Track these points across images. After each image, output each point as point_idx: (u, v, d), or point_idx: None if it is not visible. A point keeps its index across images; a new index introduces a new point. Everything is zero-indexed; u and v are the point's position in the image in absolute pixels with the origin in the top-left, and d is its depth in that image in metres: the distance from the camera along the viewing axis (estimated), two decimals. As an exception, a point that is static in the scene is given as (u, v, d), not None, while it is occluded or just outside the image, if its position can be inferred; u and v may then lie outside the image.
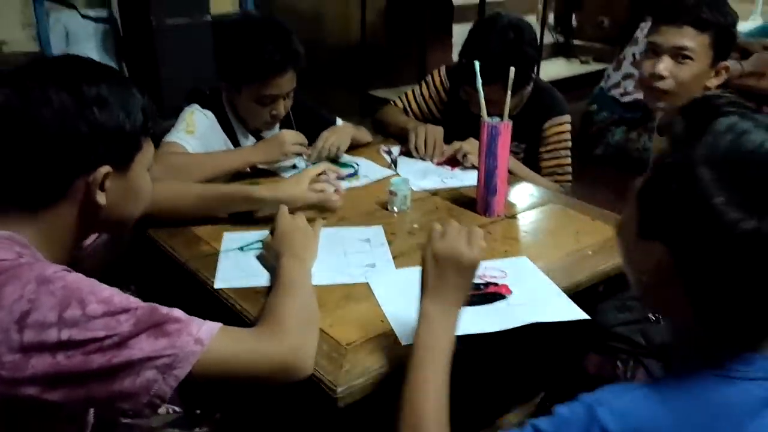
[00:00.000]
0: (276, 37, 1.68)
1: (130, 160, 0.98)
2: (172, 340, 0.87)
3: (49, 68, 0.93)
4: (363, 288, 1.23)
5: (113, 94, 0.94)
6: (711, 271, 0.67)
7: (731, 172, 0.65)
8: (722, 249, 0.65)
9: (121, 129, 0.94)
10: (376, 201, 1.60)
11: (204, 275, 1.26)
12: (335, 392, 0.97)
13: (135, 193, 1.01)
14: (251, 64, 1.66)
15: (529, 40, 1.81)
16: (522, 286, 1.22)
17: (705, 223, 0.65)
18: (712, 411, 0.69)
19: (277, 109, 1.76)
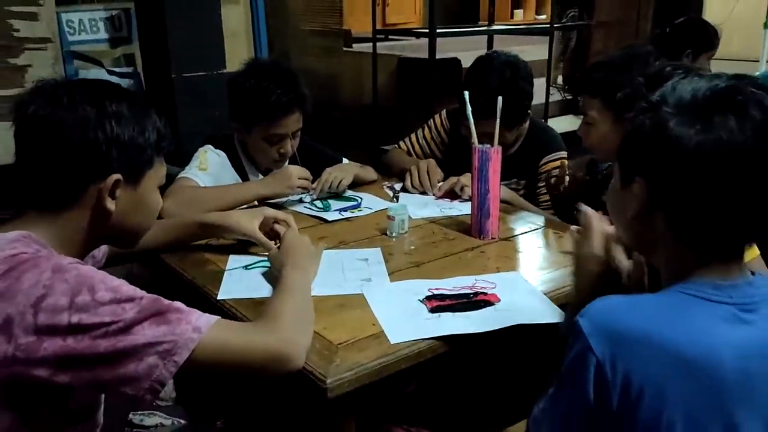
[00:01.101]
0: (283, 80, 1.81)
1: (141, 174, 1.07)
2: (172, 327, 0.94)
3: (80, 85, 1.05)
4: (357, 298, 1.29)
5: (132, 111, 1.04)
6: (680, 187, 0.83)
7: (677, 106, 0.84)
8: (682, 163, 0.81)
9: (134, 142, 1.04)
10: (376, 228, 1.68)
11: (208, 289, 1.34)
12: (325, 383, 1.02)
13: (143, 207, 1.10)
14: (260, 105, 1.79)
15: (524, 75, 1.92)
16: (510, 295, 1.29)
17: (665, 145, 0.83)
18: (676, 321, 0.81)
19: (284, 148, 1.87)
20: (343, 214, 1.79)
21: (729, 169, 0.80)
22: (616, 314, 0.83)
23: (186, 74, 2.49)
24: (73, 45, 2.99)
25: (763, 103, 0.80)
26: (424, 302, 1.25)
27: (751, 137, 0.79)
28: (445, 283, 1.34)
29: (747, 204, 0.81)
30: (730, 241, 0.86)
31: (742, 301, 0.83)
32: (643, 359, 0.79)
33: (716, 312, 0.82)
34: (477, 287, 1.32)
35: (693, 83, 0.85)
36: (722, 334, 0.81)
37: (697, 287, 0.84)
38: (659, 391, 0.78)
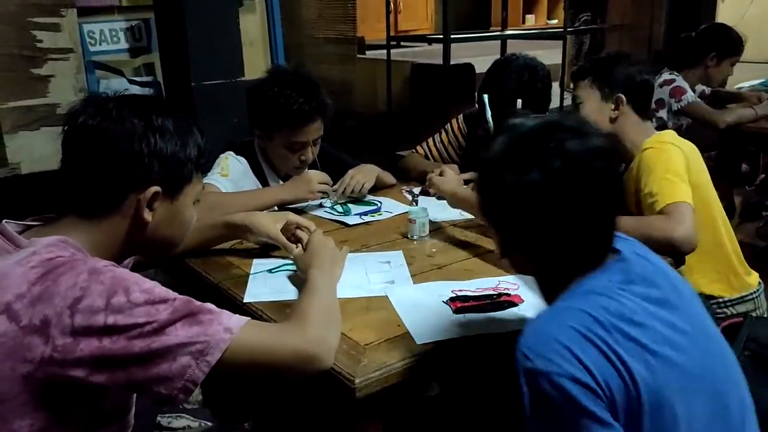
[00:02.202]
0: (305, 88, 1.83)
1: (179, 188, 1.09)
2: (205, 328, 0.95)
3: (129, 99, 1.07)
4: (382, 300, 1.31)
5: (175, 127, 1.07)
6: (517, 232, 0.99)
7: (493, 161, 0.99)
8: (509, 201, 0.97)
9: (176, 156, 1.06)
10: (397, 231, 1.70)
11: (234, 292, 1.36)
12: (353, 382, 1.03)
13: (178, 220, 1.12)
14: (282, 113, 1.80)
15: (542, 77, 1.95)
16: (533, 296, 1.28)
17: (495, 199, 1.00)
18: (577, 315, 0.90)
19: (305, 155, 1.89)
20: (363, 218, 1.81)
21: (544, 210, 0.93)
22: (540, 328, 0.91)
23: (205, 82, 2.53)
24: (95, 55, 3.04)
25: (563, 150, 0.93)
26: (449, 303, 1.27)
27: (554, 183, 0.92)
28: (468, 284, 1.35)
29: (574, 233, 0.94)
30: (581, 260, 0.97)
31: (619, 279, 0.95)
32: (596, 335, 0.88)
33: (614, 290, 0.94)
34: (500, 288, 1.34)
35: (509, 138, 0.99)
36: (625, 301, 0.92)
37: (583, 286, 0.94)
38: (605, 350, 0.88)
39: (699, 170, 1.74)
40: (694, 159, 1.72)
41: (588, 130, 0.96)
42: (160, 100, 1.16)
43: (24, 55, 2.82)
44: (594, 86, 1.76)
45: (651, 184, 1.61)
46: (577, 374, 0.85)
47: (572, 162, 0.91)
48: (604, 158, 0.94)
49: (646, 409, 0.86)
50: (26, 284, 0.91)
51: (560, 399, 0.85)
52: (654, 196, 1.59)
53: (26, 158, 2.90)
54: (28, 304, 0.90)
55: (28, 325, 0.90)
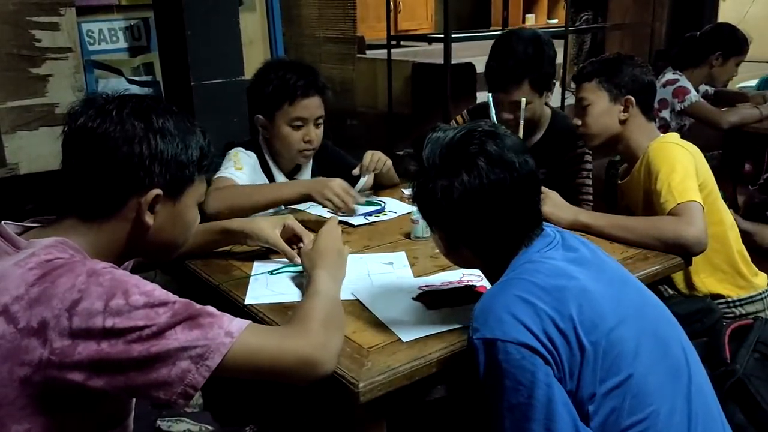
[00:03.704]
0: (300, 68, 1.89)
1: (181, 190, 1.07)
2: (205, 331, 0.93)
3: (130, 100, 1.05)
4: (385, 302, 1.28)
5: (177, 128, 1.05)
6: (454, 229, 1.11)
7: (433, 167, 1.10)
8: (447, 210, 1.08)
9: (177, 158, 1.04)
10: (400, 232, 1.68)
11: (235, 294, 1.34)
12: (357, 386, 1.01)
13: (180, 222, 1.10)
14: (280, 87, 1.84)
15: (547, 43, 1.94)
16: None
17: (428, 202, 1.11)
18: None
19: (309, 135, 1.89)
20: (368, 219, 1.79)
21: (478, 204, 1.06)
22: (488, 299, 1.04)
23: (204, 82, 2.51)
24: (94, 54, 3.03)
25: (486, 153, 1.05)
26: (419, 299, 1.28)
27: (483, 179, 1.05)
28: (432, 279, 1.37)
29: (505, 221, 1.08)
30: (515, 241, 1.11)
31: (545, 244, 1.10)
32: (531, 302, 0.99)
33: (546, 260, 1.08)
34: (464, 281, 1.35)
35: (434, 145, 1.09)
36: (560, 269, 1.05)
37: (518, 260, 1.08)
38: (554, 318, 0.98)
39: (705, 171, 1.72)
40: (699, 160, 1.71)
41: (501, 132, 1.10)
42: (162, 100, 1.14)
43: (22, 55, 2.81)
44: (602, 88, 1.75)
45: (660, 185, 1.59)
46: (524, 339, 0.95)
47: (494, 160, 1.05)
48: (520, 153, 1.08)
49: (590, 353, 0.96)
50: (24, 286, 0.90)
51: (509, 364, 0.95)
52: (664, 197, 1.57)
53: (25, 158, 2.88)
54: (26, 306, 0.89)
55: (25, 328, 0.88)
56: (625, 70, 1.75)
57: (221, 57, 2.54)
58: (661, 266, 1.46)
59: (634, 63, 1.79)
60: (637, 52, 5.13)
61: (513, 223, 1.09)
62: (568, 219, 1.66)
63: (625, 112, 1.74)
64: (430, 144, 1.10)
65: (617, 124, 1.76)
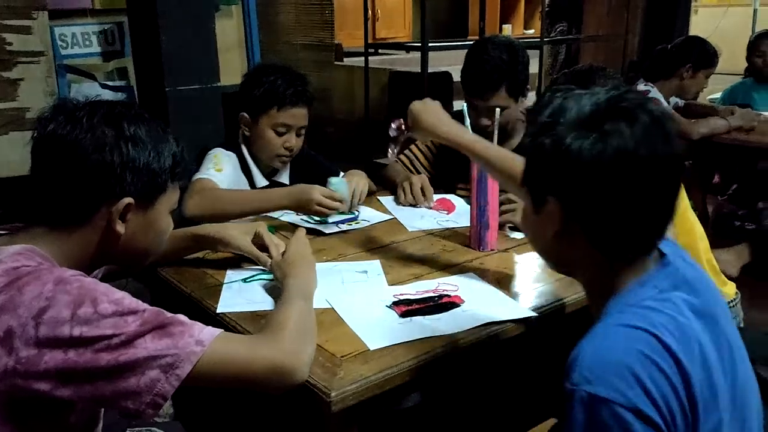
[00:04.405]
0: (295, 76, 1.92)
1: (153, 198, 1.06)
2: (175, 340, 0.93)
3: (101, 106, 1.04)
4: (359, 310, 1.28)
5: (149, 135, 1.04)
6: (588, 198, 0.87)
7: (570, 122, 0.88)
8: (586, 174, 0.86)
9: (149, 166, 1.03)
10: (375, 240, 1.68)
11: (207, 302, 1.33)
12: (329, 396, 1.01)
13: (153, 231, 1.09)
14: (271, 90, 1.87)
15: (520, 48, 1.97)
16: (473, 295, 1.33)
17: (567, 160, 0.86)
18: (636, 334, 0.83)
19: (290, 142, 1.91)
20: (340, 227, 1.79)
21: (629, 171, 0.84)
22: (603, 350, 0.83)
23: (180, 87, 2.49)
24: (66, 59, 2.99)
25: (645, 107, 0.87)
26: (393, 308, 1.27)
27: (642, 138, 0.84)
28: (408, 288, 1.37)
29: (650, 202, 0.87)
30: (644, 240, 0.91)
31: (668, 284, 0.89)
32: (654, 368, 0.80)
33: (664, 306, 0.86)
34: (440, 290, 1.35)
35: (578, 100, 0.90)
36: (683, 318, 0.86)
37: (633, 297, 0.88)
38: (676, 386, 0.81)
39: None
40: None
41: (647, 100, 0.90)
42: (134, 107, 1.12)
43: (-7, 58, 2.77)
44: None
45: None
46: (641, 406, 0.78)
47: (656, 120, 0.86)
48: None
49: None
50: None
51: (617, 430, 0.78)
52: None
53: (-4, 163, 2.84)
54: None
55: None
56: (597, 82, 1.77)
57: (196, 63, 2.53)
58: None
59: (605, 74, 1.81)
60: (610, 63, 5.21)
61: (653, 210, 0.88)
62: None
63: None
64: (567, 98, 0.91)
65: None
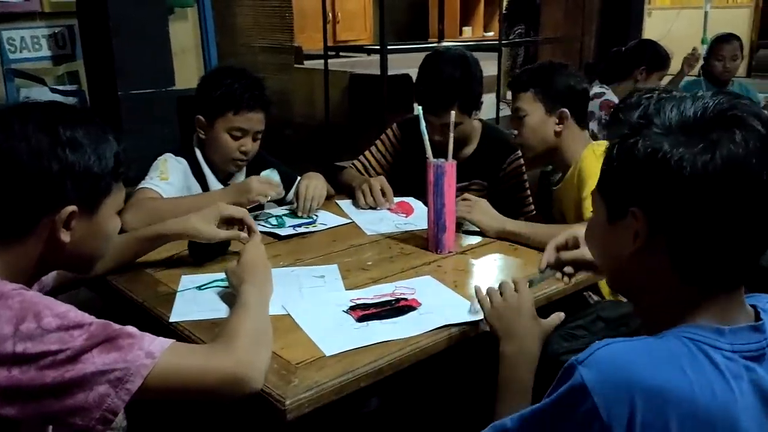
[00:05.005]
0: (252, 80, 1.90)
1: (98, 202, 1.03)
2: (124, 354, 0.90)
3: (34, 111, 0.99)
4: (315, 316, 1.27)
5: (88, 137, 0.99)
6: (685, 214, 0.76)
7: (671, 127, 0.77)
8: (687, 186, 0.74)
9: (91, 170, 0.99)
10: (333, 244, 1.67)
11: (160, 311, 1.30)
12: (283, 404, 0.99)
13: (100, 235, 1.06)
14: (228, 94, 1.84)
15: (474, 63, 1.99)
16: (429, 299, 1.33)
17: (665, 169, 0.75)
18: (688, 372, 0.73)
19: (246, 146, 1.88)
20: (297, 230, 1.77)
21: (738, 188, 0.73)
22: (630, 364, 0.74)
23: (133, 91, 2.44)
24: (14, 63, 2.90)
25: (760, 115, 0.76)
26: (349, 313, 1.26)
27: (755, 151, 0.73)
28: (365, 292, 1.36)
29: (753, 225, 0.76)
30: (737, 271, 0.79)
31: (747, 349, 0.77)
32: (657, 411, 0.71)
33: (720, 359, 0.75)
34: (397, 294, 1.35)
35: (679, 102, 0.79)
36: (735, 381, 0.74)
37: (700, 332, 0.77)
38: None
39: None
40: None
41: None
42: (70, 108, 1.08)
43: (-64, 63, 2.68)
44: (537, 99, 1.78)
45: (586, 194, 1.64)
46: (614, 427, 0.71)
47: (762, 135, 0.75)
48: None
49: None
50: None
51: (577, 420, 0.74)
52: (586, 206, 1.62)
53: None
54: None
55: None
56: (558, 80, 1.79)
57: (150, 66, 2.48)
58: (585, 274, 1.50)
59: (567, 72, 1.83)
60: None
61: (753, 234, 0.76)
62: (496, 227, 1.69)
63: (560, 124, 1.78)
64: (664, 100, 0.81)
65: (552, 136, 1.80)
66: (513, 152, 2.11)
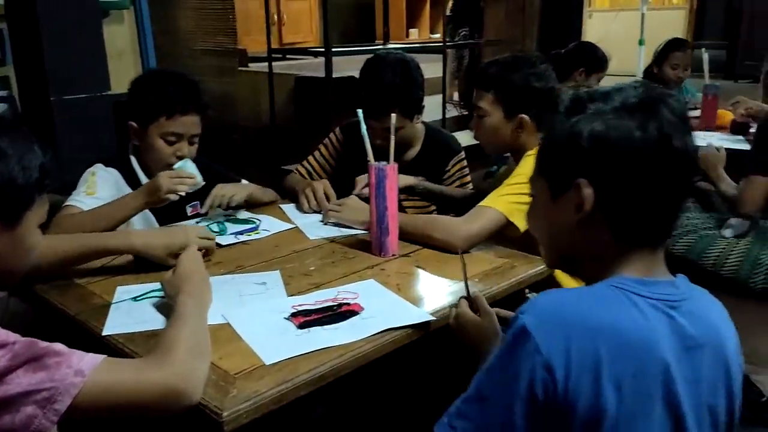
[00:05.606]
0: (184, 82, 1.84)
1: (19, 215, 0.99)
2: (51, 373, 0.87)
3: None
4: (256, 324, 1.25)
5: (12, 148, 0.95)
6: (622, 183, 0.89)
7: (598, 111, 0.91)
8: (625, 160, 0.88)
9: (13, 183, 0.95)
10: (275, 251, 1.64)
11: (92, 325, 1.25)
12: (220, 416, 0.97)
13: (21, 249, 1.01)
14: (160, 98, 1.78)
15: (415, 67, 1.99)
16: (372, 303, 1.33)
17: (608, 145, 0.89)
18: (614, 309, 0.86)
19: (181, 151, 1.82)
20: (239, 238, 1.74)
21: (663, 157, 0.88)
22: (563, 306, 0.88)
23: (66, 97, 2.35)
24: (-62, 68, 2.77)
25: (673, 97, 0.92)
26: (291, 319, 1.25)
27: (677, 126, 0.88)
28: (306, 298, 1.35)
29: (674, 188, 0.90)
30: (660, 228, 0.93)
31: (664, 298, 0.89)
32: (587, 342, 0.83)
33: (643, 303, 0.88)
34: (339, 299, 1.34)
35: (608, 92, 0.92)
36: (651, 319, 0.87)
37: (624, 282, 0.89)
38: (599, 368, 0.82)
39: None
40: None
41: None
42: None
43: None
44: (498, 102, 1.76)
45: (510, 181, 1.67)
46: (553, 359, 0.82)
47: (683, 119, 0.91)
48: None
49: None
50: None
51: (523, 358, 0.84)
52: (500, 190, 1.65)
53: None
54: None
55: None
56: (520, 82, 1.74)
57: (84, 71, 2.40)
58: (526, 274, 1.52)
59: (531, 71, 1.75)
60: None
61: (669, 201, 0.91)
62: (365, 220, 1.70)
63: (519, 129, 1.76)
64: (597, 92, 0.93)
65: (510, 139, 1.78)
66: (456, 154, 2.14)
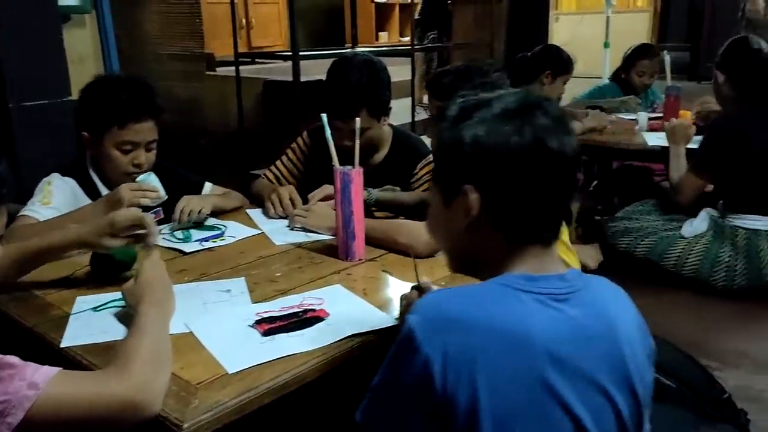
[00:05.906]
0: (135, 87, 1.77)
1: None
2: (4, 386, 0.85)
3: None
4: (219, 333, 1.23)
5: None
6: (504, 186, 0.93)
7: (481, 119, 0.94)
8: (505, 164, 0.92)
9: None
10: (240, 257, 1.62)
11: (51, 337, 1.22)
12: (181, 428, 0.95)
13: None
14: (111, 107, 1.72)
15: (381, 69, 1.98)
16: (338, 308, 1.32)
17: (487, 150, 0.92)
18: (491, 304, 0.90)
19: (138, 159, 1.78)
20: (204, 245, 1.71)
21: (540, 159, 0.91)
22: (442, 304, 0.92)
23: (25, 103, 2.29)
24: None
25: (548, 101, 0.96)
26: (255, 327, 1.23)
27: (552, 129, 0.92)
28: (271, 305, 1.33)
29: (553, 188, 0.94)
30: (545, 225, 0.96)
31: (551, 292, 0.92)
32: (463, 338, 0.86)
33: (527, 298, 0.91)
34: (305, 305, 1.33)
35: (489, 100, 0.96)
36: (533, 313, 0.89)
37: (510, 279, 0.93)
38: (474, 363, 0.85)
39: None
40: None
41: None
42: None
43: None
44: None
45: None
46: (431, 356, 0.85)
47: (560, 121, 0.94)
48: None
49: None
50: None
51: (407, 357, 0.87)
52: None
53: None
54: None
55: None
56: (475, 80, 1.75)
57: (44, 76, 2.34)
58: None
59: (482, 81, 1.77)
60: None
61: (551, 200, 0.94)
62: (331, 225, 1.70)
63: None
64: (480, 100, 0.97)
65: None
66: (424, 157, 2.13)
